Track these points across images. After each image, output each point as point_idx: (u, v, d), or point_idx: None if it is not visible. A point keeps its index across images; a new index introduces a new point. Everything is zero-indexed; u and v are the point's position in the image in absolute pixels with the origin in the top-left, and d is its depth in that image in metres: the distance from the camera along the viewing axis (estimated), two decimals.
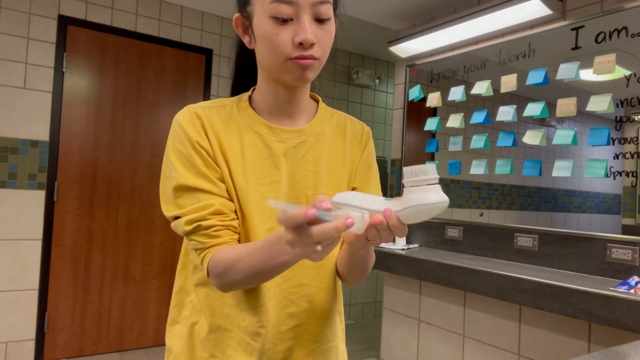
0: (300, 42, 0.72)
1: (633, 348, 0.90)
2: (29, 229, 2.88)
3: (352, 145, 0.91)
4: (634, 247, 1.82)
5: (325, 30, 0.76)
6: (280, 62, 0.75)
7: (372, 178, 0.94)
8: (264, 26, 0.74)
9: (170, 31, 3.36)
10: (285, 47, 0.73)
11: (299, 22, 0.73)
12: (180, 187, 0.76)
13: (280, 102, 0.84)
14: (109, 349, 3.16)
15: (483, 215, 2.52)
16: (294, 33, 0.73)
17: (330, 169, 0.87)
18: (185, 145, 0.78)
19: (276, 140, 0.83)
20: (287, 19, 0.73)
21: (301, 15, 0.73)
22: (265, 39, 0.75)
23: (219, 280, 0.75)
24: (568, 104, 2.05)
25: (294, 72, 0.76)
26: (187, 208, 0.76)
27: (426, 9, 2.86)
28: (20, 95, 2.86)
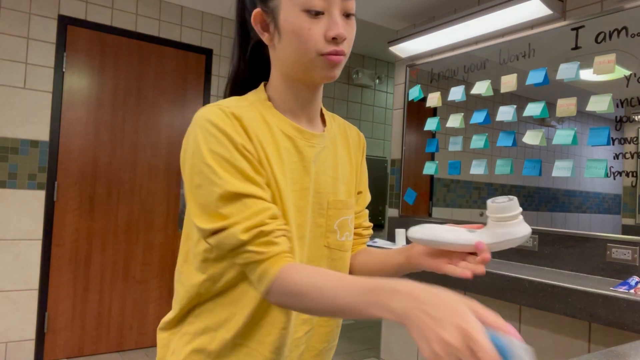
0: (333, 37, 0.71)
1: (633, 348, 0.90)
2: (29, 228, 2.88)
3: (354, 151, 0.92)
4: (634, 247, 1.82)
5: (351, 26, 0.75)
6: (310, 57, 0.72)
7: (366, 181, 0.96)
8: (296, 20, 0.71)
9: (170, 31, 3.36)
10: (317, 42, 0.71)
11: (330, 17, 0.72)
12: (228, 194, 0.67)
13: (302, 103, 0.80)
14: (109, 349, 3.16)
15: (483, 215, 2.52)
16: (325, 27, 0.71)
17: (343, 175, 0.86)
18: (228, 148, 0.69)
19: (307, 145, 0.79)
20: (319, 12, 0.71)
21: (332, 10, 0.72)
22: (295, 33, 0.72)
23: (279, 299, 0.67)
24: (568, 104, 2.05)
25: (323, 69, 0.74)
26: (238, 216, 0.67)
27: (426, 9, 2.86)
28: (20, 95, 2.86)
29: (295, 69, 0.76)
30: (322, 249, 0.81)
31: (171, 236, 3.38)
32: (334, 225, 0.82)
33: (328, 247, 0.82)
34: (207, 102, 3.52)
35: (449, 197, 2.73)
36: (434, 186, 2.83)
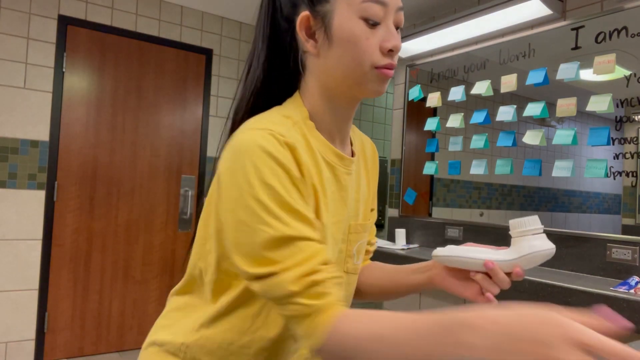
0: (390, 49, 0.66)
1: (633, 348, 0.90)
2: (29, 229, 2.88)
3: (372, 167, 0.86)
4: (634, 247, 1.82)
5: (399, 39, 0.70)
6: (364, 70, 0.66)
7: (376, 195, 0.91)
8: (354, 28, 0.65)
9: (170, 31, 3.36)
10: (373, 53, 0.66)
11: (386, 27, 0.67)
12: (283, 238, 0.58)
13: (340, 122, 0.73)
14: (109, 349, 3.16)
15: (483, 215, 2.52)
16: (382, 38, 0.66)
17: (363, 196, 0.80)
18: (285, 184, 0.60)
19: (345, 173, 0.73)
20: (377, 22, 0.66)
21: (388, 20, 0.67)
22: (351, 43, 0.65)
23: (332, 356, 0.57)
24: (568, 104, 2.05)
25: (375, 83, 0.68)
26: (288, 262, 0.58)
27: (426, 9, 2.86)
28: (20, 95, 2.86)
29: (343, 81, 0.68)
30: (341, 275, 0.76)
31: (171, 236, 3.38)
32: (353, 250, 0.77)
33: (347, 272, 0.77)
34: (207, 102, 3.51)
35: (449, 197, 2.73)
36: (434, 186, 2.83)
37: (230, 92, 3.63)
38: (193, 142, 3.47)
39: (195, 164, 3.49)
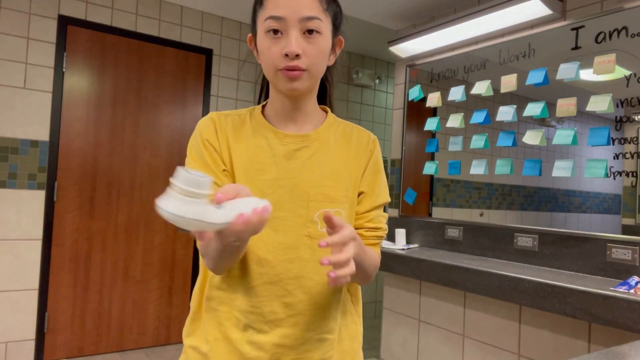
0: (285, 54, 0.82)
1: (633, 348, 0.90)
2: (29, 229, 2.88)
3: (358, 152, 0.97)
4: (634, 247, 1.82)
5: (313, 43, 0.85)
6: (272, 72, 0.86)
7: (380, 184, 0.99)
8: (261, 41, 0.86)
9: (170, 31, 3.36)
10: (275, 58, 0.84)
11: (286, 36, 0.83)
12: None
13: (286, 109, 0.93)
14: (109, 349, 3.16)
15: (483, 215, 2.52)
16: (282, 46, 0.83)
17: (333, 172, 0.93)
18: (197, 141, 0.90)
19: (279, 144, 0.91)
20: (277, 30, 0.83)
21: (289, 30, 0.83)
22: (262, 52, 0.87)
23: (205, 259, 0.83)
24: (568, 104, 2.05)
25: (283, 82, 0.86)
26: None
27: (426, 9, 2.86)
28: (20, 95, 2.86)
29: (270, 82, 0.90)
30: (302, 238, 0.89)
31: (171, 236, 3.38)
32: (314, 217, 0.90)
33: (309, 236, 0.89)
34: (207, 102, 3.52)
35: (449, 197, 2.73)
36: (434, 186, 2.83)
37: (230, 92, 3.64)
38: None
39: None
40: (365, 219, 0.97)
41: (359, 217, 0.98)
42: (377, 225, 0.98)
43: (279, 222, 0.88)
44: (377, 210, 0.99)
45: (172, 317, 3.39)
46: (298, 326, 0.88)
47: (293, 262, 0.88)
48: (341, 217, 0.91)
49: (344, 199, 0.93)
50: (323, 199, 0.90)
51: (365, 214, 0.97)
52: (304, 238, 0.89)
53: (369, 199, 0.97)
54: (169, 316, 3.37)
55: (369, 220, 0.98)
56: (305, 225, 0.89)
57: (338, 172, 0.93)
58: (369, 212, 0.97)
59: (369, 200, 0.98)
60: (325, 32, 0.87)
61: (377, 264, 0.98)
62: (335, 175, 0.93)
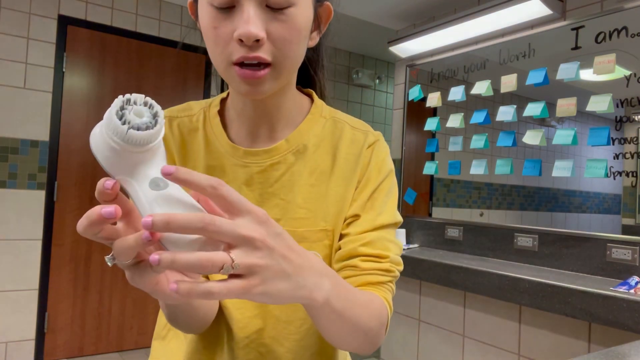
0: (239, 39, 0.53)
1: (633, 348, 0.90)
2: (29, 229, 2.88)
3: (347, 163, 0.68)
4: (634, 247, 1.82)
5: (283, 21, 0.55)
6: (223, 66, 0.57)
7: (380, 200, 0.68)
8: (203, 16, 0.57)
9: (170, 31, 3.36)
10: (225, 45, 0.55)
11: (240, 11, 0.54)
12: None
13: (249, 111, 0.66)
14: (109, 349, 3.16)
15: (483, 215, 2.52)
16: (233, 28, 0.54)
17: (308, 199, 0.66)
18: None
19: (237, 165, 0.65)
20: (225, 7, 0.54)
21: (243, 2, 0.53)
22: (205, 34, 0.58)
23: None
24: (568, 104, 2.05)
25: (239, 84, 0.57)
26: None
27: (426, 9, 2.86)
28: (20, 95, 2.86)
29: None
30: None
31: None
32: None
33: None
34: None
35: (449, 197, 2.73)
36: (434, 186, 2.83)
37: None
38: None
39: None
40: (359, 241, 0.65)
41: (351, 239, 0.65)
42: (380, 251, 0.64)
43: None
44: (377, 232, 0.66)
45: None
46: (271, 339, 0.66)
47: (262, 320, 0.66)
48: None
49: (322, 236, 0.66)
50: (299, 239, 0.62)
51: (359, 235, 0.65)
52: None
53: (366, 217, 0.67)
54: None
55: (365, 244, 0.64)
56: None
57: (315, 196, 0.66)
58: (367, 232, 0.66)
59: (365, 219, 0.67)
60: (302, 1, 0.56)
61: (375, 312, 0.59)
62: (311, 202, 0.66)
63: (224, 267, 0.37)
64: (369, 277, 0.63)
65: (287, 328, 0.66)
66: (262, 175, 0.65)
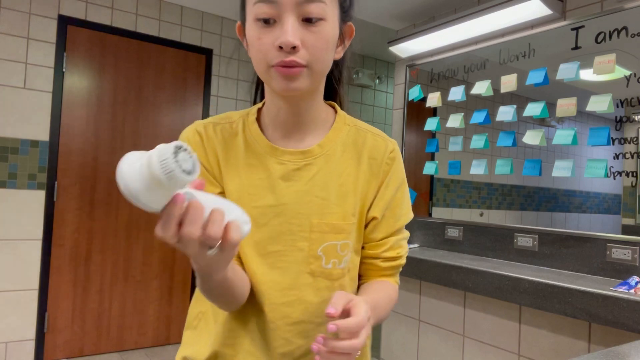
0: (279, 46, 0.66)
1: (633, 348, 0.90)
2: (29, 229, 2.88)
3: (371, 168, 0.80)
4: (634, 247, 1.82)
5: (315, 32, 0.68)
6: (264, 69, 0.70)
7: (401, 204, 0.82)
8: (250, 30, 0.70)
9: (170, 31, 3.36)
10: (267, 52, 0.68)
11: (281, 24, 0.67)
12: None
13: (284, 115, 0.77)
14: (109, 349, 3.16)
15: (483, 215, 2.52)
16: (274, 37, 0.67)
17: (340, 195, 0.77)
18: None
19: (275, 162, 0.76)
20: (268, 19, 0.67)
21: (284, 17, 0.67)
22: (251, 44, 0.71)
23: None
24: (568, 104, 2.05)
25: (278, 82, 0.69)
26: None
27: (426, 9, 2.86)
28: (20, 95, 2.86)
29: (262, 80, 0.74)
30: (304, 276, 0.75)
31: None
32: (318, 251, 0.75)
33: (312, 274, 0.75)
34: (207, 102, 3.52)
35: (449, 197, 2.73)
36: (434, 186, 2.83)
37: (230, 92, 3.64)
38: None
39: None
40: (381, 247, 0.81)
41: (374, 245, 0.81)
42: (397, 253, 0.82)
43: (276, 257, 0.74)
44: (396, 236, 0.82)
45: (172, 317, 3.39)
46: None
47: (292, 305, 0.75)
48: (348, 248, 0.78)
49: (352, 228, 0.78)
50: (328, 230, 0.75)
51: (381, 241, 0.81)
52: (306, 276, 0.75)
53: (386, 223, 0.81)
54: (169, 316, 3.37)
55: (387, 249, 0.81)
56: (306, 261, 0.75)
57: (345, 194, 0.77)
58: (386, 238, 0.81)
59: (385, 225, 0.81)
60: (331, 18, 0.70)
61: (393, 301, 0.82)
62: (343, 200, 0.77)
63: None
64: (386, 271, 0.83)
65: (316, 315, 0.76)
66: (297, 173, 0.76)
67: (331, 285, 0.77)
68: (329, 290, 0.76)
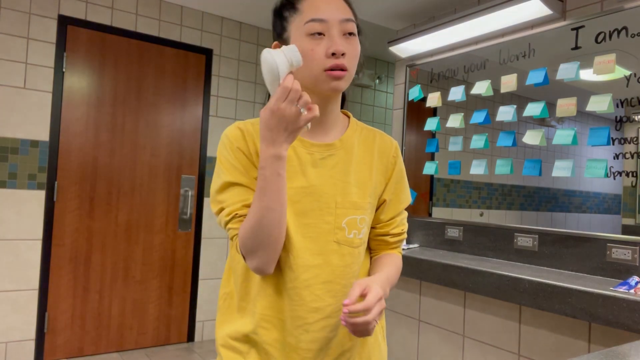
0: (333, 53, 0.85)
1: (633, 348, 0.90)
2: (29, 229, 2.88)
3: (381, 160, 1.01)
4: (634, 247, 1.82)
5: (352, 44, 0.89)
6: (316, 74, 0.87)
7: (404, 190, 1.05)
8: (302, 44, 0.87)
9: (170, 31, 3.36)
10: (320, 59, 0.86)
11: (330, 37, 0.86)
12: (225, 184, 0.89)
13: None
14: (109, 349, 3.16)
15: (483, 215, 2.52)
16: (327, 47, 0.86)
17: (358, 180, 0.96)
18: (229, 151, 0.90)
19: (305, 152, 0.93)
20: (321, 32, 0.86)
21: (331, 31, 0.86)
22: (304, 55, 0.86)
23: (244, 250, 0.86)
24: (568, 104, 2.05)
25: (328, 82, 0.87)
26: (228, 201, 0.88)
27: (426, 9, 2.86)
28: (20, 95, 2.86)
29: (308, 85, 0.89)
30: (331, 244, 0.92)
31: (171, 236, 3.38)
32: (342, 223, 0.93)
33: (337, 242, 0.92)
34: (207, 102, 3.52)
35: (449, 197, 2.73)
36: (434, 186, 2.83)
37: (230, 92, 3.64)
38: (193, 142, 3.48)
39: (195, 164, 3.49)
40: (390, 226, 1.02)
41: (384, 224, 1.02)
42: (401, 229, 1.04)
43: (308, 228, 0.90)
44: (400, 216, 1.04)
45: (172, 317, 3.39)
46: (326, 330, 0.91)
47: (321, 267, 0.91)
48: (365, 223, 0.96)
49: (368, 206, 0.96)
50: (350, 206, 0.93)
51: (390, 221, 1.02)
52: (332, 244, 0.92)
53: (393, 206, 1.02)
54: (169, 316, 3.37)
55: (394, 227, 1.03)
56: (333, 232, 0.92)
57: (363, 180, 0.96)
58: (393, 218, 1.03)
59: (392, 207, 1.02)
60: (356, 34, 0.91)
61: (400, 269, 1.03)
62: (361, 183, 0.96)
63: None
64: (393, 245, 1.04)
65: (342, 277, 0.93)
66: (323, 162, 0.94)
67: (352, 252, 0.94)
68: (351, 257, 0.94)
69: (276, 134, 0.79)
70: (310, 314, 0.90)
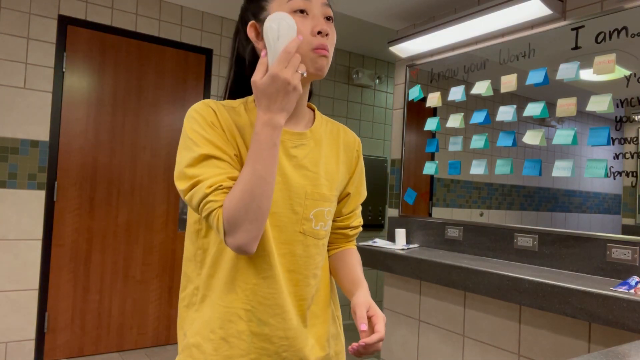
0: (319, 31, 0.84)
1: (633, 348, 0.90)
2: (29, 229, 2.88)
3: (346, 154, 1.02)
4: (634, 247, 1.82)
5: (332, 29, 0.88)
6: (303, 52, 0.83)
7: (364, 184, 1.07)
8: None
9: (170, 31, 3.36)
10: (307, 37, 0.84)
11: (314, 16, 0.85)
12: (200, 156, 0.81)
13: None
14: (109, 349, 3.16)
15: (483, 215, 2.52)
16: (312, 25, 0.84)
17: (326, 172, 0.96)
18: (203, 126, 0.83)
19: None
20: (303, 10, 0.84)
21: (314, 11, 0.85)
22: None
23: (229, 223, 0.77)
24: (568, 104, 2.05)
25: (315, 62, 0.85)
26: (208, 174, 0.80)
27: (426, 9, 2.86)
28: (20, 95, 2.86)
29: None
30: (297, 235, 0.90)
31: (171, 236, 3.38)
32: (310, 215, 0.92)
33: (303, 233, 0.91)
34: None
35: (449, 197, 2.73)
36: (434, 186, 2.83)
37: None
38: None
39: None
40: (350, 219, 1.05)
41: (345, 217, 1.04)
42: (359, 222, 1.07)
43: (276, 217, 0.88)
44: (359, 209, 1.08)
45: (172, 317, 3.39)
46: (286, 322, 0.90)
47: (285, 257, 0.90)
48: (330, 215, 0.97)
49: (334, 199, 0.98)
50: (319, 198, 0.93)
51: (350, 214, 1.05)
52: (298, 234, 0.90)
53: (354, 199, 1.04)
54: (169, 316, 3.37)
55: (354, 220, 1.06)
56: (300, 223, 0.90)
57: (330, 172, 0.97)
58: (353, 211, 1.06)
59: (354, 200, 1.05)
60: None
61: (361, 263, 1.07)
62: (329, 175, 0.96)
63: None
64: (351, 238, 1.07)
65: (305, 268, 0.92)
66: (294, 151, 0.91)
67: (317, 243, 0.94)
68: (315, 248, 0.93)
69: (274, 101, 0.77)
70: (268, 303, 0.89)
